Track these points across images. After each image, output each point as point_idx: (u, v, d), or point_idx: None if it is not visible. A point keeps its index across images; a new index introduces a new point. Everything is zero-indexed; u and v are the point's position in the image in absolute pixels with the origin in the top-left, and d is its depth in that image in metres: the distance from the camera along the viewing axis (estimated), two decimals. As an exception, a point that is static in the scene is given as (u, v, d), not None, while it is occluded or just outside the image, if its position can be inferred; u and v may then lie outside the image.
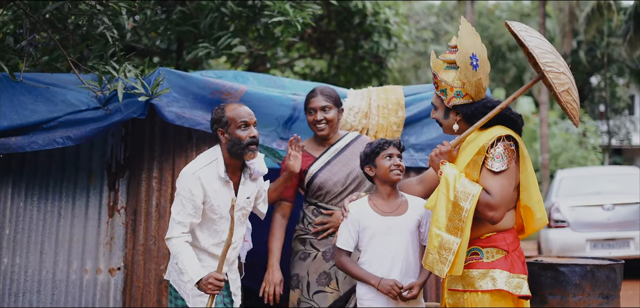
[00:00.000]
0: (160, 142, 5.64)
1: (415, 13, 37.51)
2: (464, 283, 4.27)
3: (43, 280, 5.56)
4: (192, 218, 4.62)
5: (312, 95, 5.18)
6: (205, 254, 4.74)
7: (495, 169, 4.22)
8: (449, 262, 4.12)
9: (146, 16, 7.36)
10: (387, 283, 4.46)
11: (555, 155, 31.43)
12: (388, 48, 13.58)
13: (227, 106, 4.78)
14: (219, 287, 4.46)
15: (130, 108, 5.28)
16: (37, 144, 5.23)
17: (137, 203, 5.64)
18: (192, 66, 9.15)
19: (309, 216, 5.17)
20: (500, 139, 4.27)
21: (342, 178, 5.11)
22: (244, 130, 4.68)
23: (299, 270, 5.12)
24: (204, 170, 4.69)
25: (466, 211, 4.12)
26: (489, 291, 4.22)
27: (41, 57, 6.04)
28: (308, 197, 5.22)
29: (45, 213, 5.61)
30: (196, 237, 4.72)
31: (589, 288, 4.90)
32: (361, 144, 5.18)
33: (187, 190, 4.61)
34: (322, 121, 5.11)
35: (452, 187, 4.17)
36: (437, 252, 4.15)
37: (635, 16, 26.95)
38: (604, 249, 12.44)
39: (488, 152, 4.23)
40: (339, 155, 5.19)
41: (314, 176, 5.12)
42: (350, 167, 5.12)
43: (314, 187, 5.13)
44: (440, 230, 4.15)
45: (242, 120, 4.69)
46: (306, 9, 7.95)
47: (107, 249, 5.66)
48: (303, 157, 5.12)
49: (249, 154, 4.70)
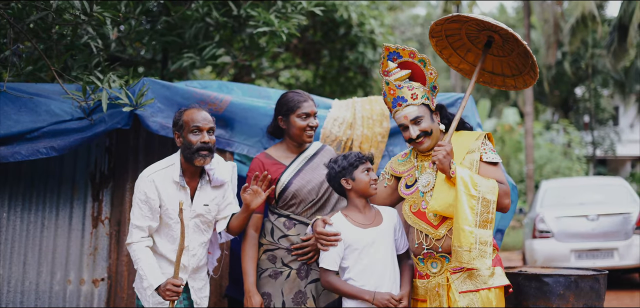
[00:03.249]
0: (145, 153, 5.62)
1: (400, 24, 37.63)
2: (476, 283, 4.38)
3: (26, 290, 5.52)
4: (149, 221, 4.61)
5: (304, 100, 4.97)
6: (164, 260, 4.70)
7: (496, 160, 4.48)
8: (489, 254, 4.26)
9: (131, 26, 7.33)
10: (383, 297, 4.42)
11: (540, 166, 31.52)
12: (373, 59, 13.61)
13: (186, 110, 4.75)
14: (177, 293, 4.43)
15: (114, 118, 5.26)
16: (21, 154, 5.19)
17: (121, 213, 5.62)
18: (177, 76, 9.13)
19: (281, 229, 4.91)
20: (485, 136, 4.57)
21: (315, 187, 4.93)
22: (195, 135, 4.64)
23: (270, 289, 4.86)
24: (160, 173, 4.68)
25: (493, 203, 4.28)
26: (497, 287, 4.41)
27: (25, 66, 6.01)
28: (278, 208, 4.97)
29: (29, 223, 5.58)
30: (155, 242, 4.70)
31: (573, 298, 4.92)
32: (327, 153, 5.12)
33: (142, 193, 4.61)
34: (314, 128, 4.97)
35: (472, 184, 4.27)
36: (477, 248, 4.22)
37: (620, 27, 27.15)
38: (589, 259, 12.48)
39: (481, 148, 4.49)
40: (309, 162, 5.03)
41: (288, 184, 4.89)
42: (321, 176, 4.92)
43: (288, 196, 4.89)
44: (472, 226, 4.22)
45: (195, 125, 4.64)
46: (291, 20, 7.95)
47: (90, 260, 5.64)
48: (272, 166, 4.92)
49: (199, 159, 4.64)
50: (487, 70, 4.95)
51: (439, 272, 4.46)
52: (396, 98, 4.55)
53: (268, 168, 4.88)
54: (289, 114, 4.95)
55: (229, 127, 5.54)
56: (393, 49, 4.63)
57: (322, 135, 5.59)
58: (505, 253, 19.17)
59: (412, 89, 4.54)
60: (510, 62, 4.80)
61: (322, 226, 4.54)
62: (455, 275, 4.40)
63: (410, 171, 4.69)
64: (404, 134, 4.57)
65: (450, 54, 4.98)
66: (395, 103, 4.57)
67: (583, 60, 36.03)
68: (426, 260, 4.50)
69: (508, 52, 4.72)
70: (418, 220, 4.51)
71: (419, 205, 4.53)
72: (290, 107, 4.95)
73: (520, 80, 4.88)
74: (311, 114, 4.95)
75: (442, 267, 4.45)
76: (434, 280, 4.48)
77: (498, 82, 5.01)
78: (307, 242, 4.84)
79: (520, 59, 4.68)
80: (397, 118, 4.58)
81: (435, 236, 4.43)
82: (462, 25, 4.73)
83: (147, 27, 8.23)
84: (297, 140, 4.98)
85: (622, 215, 12.74)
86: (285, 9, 8.05)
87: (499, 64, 4.89)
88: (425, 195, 4.52)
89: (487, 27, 4.55)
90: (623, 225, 12.64)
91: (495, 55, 4.82)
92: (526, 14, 28.53)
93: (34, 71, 6.07)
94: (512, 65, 4.82)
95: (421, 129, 4.51)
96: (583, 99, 40.39)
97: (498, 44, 4.68)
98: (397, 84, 4.55)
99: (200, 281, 4.86)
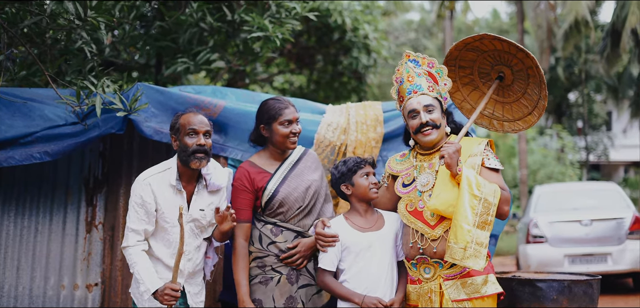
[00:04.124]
0: (139, 157, 5.62)
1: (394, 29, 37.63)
2: (468, 291, 4.41)
3: (20, 295, 5.52)
4: (145, 224, 4.62)
5: (285, 106, 4.91)
6: (161, 264, 4.70)
7: (497, 167, 4.55)
8: (484, 256, 4.26)
9: (125, 31, 7.33)
10: (371, 300, 4.47)
11: (534, 171, 31.57)
12: (367, 64, 13.64)
13: (183, 114, 4.77)
14: (175, 297, 4.45)
15: (108, 123, 5.26)
16: (14, 159, 5.18)
17: (115, 218, 5.62)
18: (171, 81, 9.12)
19: (268, 236, 4.86)
20: (487, 142, 4.61)
21: (301, 193, 4.89)
22: (191, 138, 4.66)
23: (261, 295, 4.82)
24: (156, 177, 4.69)
25: (494, 206, 4.31)
26: (491, 296, 4.43)
27: (19, 71, 6.00)
28: (265, 216, 4.90)
29: (22, 228, 5.57)
30: (151, 246, 4.70)
31: (566, 303, 4.93)
32: (310, 158, 5.10)
33: (138, 196, 4.62)
34: (297, 134, 4.93)
35: (476, 184, 4.30)
36: (473, 247, 4.23)
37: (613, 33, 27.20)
38: (582, 264, 12.50)
39: (484, 153, 4.55)
40: (294, 169, 4.98)
41: (275, 192, 4.84)
42: (306, 182, 4.92)
43: (275, 205, 4.84)
44: (470, 225, 4.24)
45: (191, 128, 4.67)
46: (285, 25, 7.95)
47: (84, 265, 5.63)
48: (258, 174, 4.89)
49: (195, 162, 4.65)
50: (487, 116, 5.03)
51: (432, 278, 4.47)
52: (413, 85, 4.62)
53: (253, 177, 4.88)
54: (271, 122, 4.91)
55: (222, 132, 5.54)
56: (413, 57, 4.74)
57: (316, 141, 5.60)
58: (499, 258, 19.19)
59: (430, 82, 4.64)
60: (513, 106, 4.90)
61: (321, 227, 4.64)
62: (449, 281, 4.41)
63: (408, 170, 4.71)
64: (412, 122, 4.61)
65: (456, 89, 5.05)
66: (410, 90, 4.63)
67: (576, 65, 36.12)
68: (419, 265, 4.51)
69: (514, 93, 4.82)
70: (414, 219, 4.52)
71: (416, 204, 4.55)
72: (271, 115, 4.90)
73: (518, 124, 4.99)
74: (293, 121, 4.90)
75: (435, 273, 4.46)
76: (426, 286, 4.48)
77: (496, 127, 5.10)
78: (294, 249, 4.84)
79: (527, 100, 4.81)
80: (409, 104, 4.62)
81: (431, 236, 4.44)
82: (478, 56, 4.80)
83: (141, 32, 8.21)
84: (281, 147, 4.94)
85: (615, 220, 12.76)
86: (279, 14, 8.04)
87: (500, 107, 5.00)
88: (423, 194, 4.54)
89: (519, 49, 4.62)
90: (616, 230, 12.66)
91: (498, 97, 4.93)
92: (519, 19, 28.60)
93: (27, 76, 6.06)
94: (515, 109, 4.93)
95: (431, 118, 4.56)
96: (576, 104, 40.47)
97: (506, 83, 4.79)
98: (418, 73, 4.60)
99: (196, 286, 4.86)
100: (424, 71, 4.66)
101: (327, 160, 5.60)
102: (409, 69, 4.65)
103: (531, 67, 4.64)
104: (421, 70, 4.66)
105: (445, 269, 4.41)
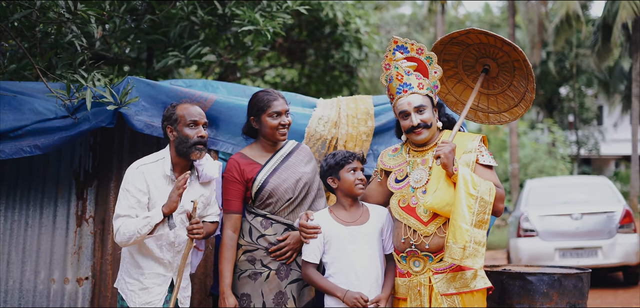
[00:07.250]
0: (129, 151, 5.61)
1: (385, 23, 37.66)
2: (458, 286, 4.40)
3: (10, 289, 5.50)
4: (135, 212, 4.58)
5: (274, 98, 4.96)
6: (150, 259, 4.69)
7: (491, 164, 4.55)
8: (482, 255, 4.27)
9: (115, 25, 7.30)
10: (353, 296, 4.47)
11: (525, 165, 31.65)
12: (359, 58, 13.63)
13: (178, 105, 4.79)
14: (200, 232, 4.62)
15: (98, 117, 5.25)
16: (4, 152, 5.16)
17: (105, 212, 5.61)
18: (162, 75, 9.10)
19: (258, 228, 4.89)
20: (481, 139, 4.62)
21: (291, 185, 4.90)
22: (192, 129, 4.68)
23: (250, 290, 4.84)
24: (149, 166, 4.69)
25: (490, 205, 4.32)
26: (480, 290, 4.43)
27: (9, 65, 5.98)
28: (255, 207, 4.95)
29: (12, 222, 5.56)
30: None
31: (556, 296, 4.95)
32: (303, 151, 5.12)
33: (131, 183, 4.61)
34: (286, 126, 4.96)
35: (472, 183, 4.31)
36: (471, 246, 4.24)
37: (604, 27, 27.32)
38: (573, 258, 12.55)
39: (478, 149, 4.54)
40: (285, 161, 5.00)
41: (264, 183, 4.87)
42: (297, 174, 4.94)
43: (264, 196, 4.87)
44: (468, 225, 4.25)
45: (192, 119, 4.70)
46: (276, 19, 7.94)
47: (75, 258, 5.62)
48: (248, 166, 4.92)
49: (195, 153, 4.68)
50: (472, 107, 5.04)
51: (422, 271, 4.47)
52: (402, 84, 4.60)
53: (244, 168, 4.90)
54: (260, 114, 4.96)
55: (213, 125, 5.52)
56: (401, 42, 4.69)
57: (306, 134, 5.59)
58: (490, 252, 19.23)
59: (420, 79, 4.61)
60: (498, 98, 4.90)
61: (305, 219, 4.66)
62: (438, 275, 4.41)
63: (401, 166, 4.71)
64: (404, 122, 4.61)
65: (440, 82, 5.03)
66: (400, 89, 4.61)
67: (567, 59, 36.23)
68: (409, 258, 4.51)
69: (500, 85, 4.84)
70: (407, 216, 4.52)
71: (409, 200, 4.55)
72: (260, 107, 4.95)
73: (504, 116, 4.99)
74: (282, 112, 4.93)
75: (424, 266, 4.46)
76: (415, 279, 4.48)
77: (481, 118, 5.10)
78: (283, 242, 4.85)
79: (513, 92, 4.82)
80: (400, 104, 4.61)
81: (424, 233, 4.44)
82: (463, 50, 4.80)
83: (132, 26, 8.19)
84: (271, 139, 4.98)
85: (605, 214, 12.83)
86: (271, 7, 8.03)
87: (485, 99, 5.01)
88: (417, 191, 4.53)
89: (506, 43, 4.63)
90: (607, 224, 12.72)
91: (482, 88, 4.95)
92: (511, 13, 28.64)
93: (17, 70, 6.03)
94: (500, 101, 4.91)
95: (423, 119, 4.56)
96: (567, 99, 40.60)
97: (491, 75, 4.80)
98: (407, 70, 4.59)
99: (184, 280, 4.85)
100: (412, 66, 4.64)
101: (318, 153, 5.60)
102: (398, 66, 4.63)
103: (518, 59, 4.64)
104: (410, 68, 4.64)
105: (435, 262, 4.42)
